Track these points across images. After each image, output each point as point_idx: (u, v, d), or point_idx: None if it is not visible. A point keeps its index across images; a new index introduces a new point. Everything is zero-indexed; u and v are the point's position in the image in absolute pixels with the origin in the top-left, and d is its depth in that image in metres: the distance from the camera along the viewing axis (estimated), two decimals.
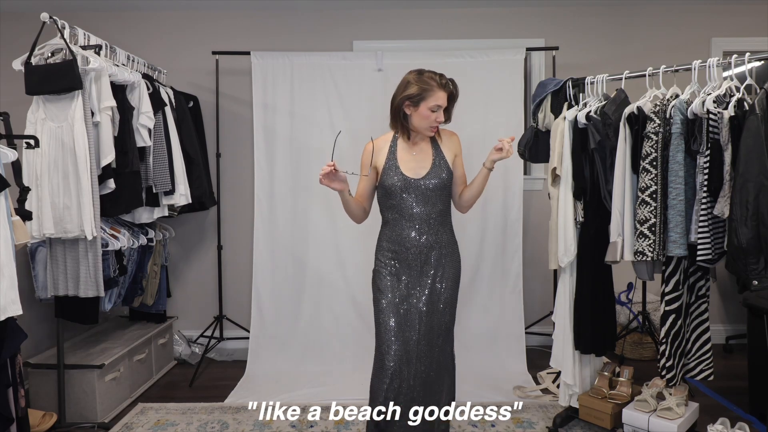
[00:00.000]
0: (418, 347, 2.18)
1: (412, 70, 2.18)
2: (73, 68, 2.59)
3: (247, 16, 4.08)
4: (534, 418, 2.94)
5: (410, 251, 2.21)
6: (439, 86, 2.11)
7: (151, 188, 3.15)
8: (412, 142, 2.25)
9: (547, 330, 3.91)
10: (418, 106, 2.13)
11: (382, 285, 2.22)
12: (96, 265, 2.73)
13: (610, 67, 3.11)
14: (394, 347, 2.14)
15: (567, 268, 2.67)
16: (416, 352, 2.17)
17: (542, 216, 3.97)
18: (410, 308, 2.20)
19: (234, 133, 4.06)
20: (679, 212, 2.20)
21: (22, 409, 2.27)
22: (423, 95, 2.11)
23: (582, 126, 2.58)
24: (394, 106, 2.19)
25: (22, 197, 2.28)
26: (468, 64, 3.75)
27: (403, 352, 2.15)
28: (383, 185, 2.21)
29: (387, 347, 2.16)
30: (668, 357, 2.33)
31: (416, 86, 2.11)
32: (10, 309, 2.05)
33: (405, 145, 2.24)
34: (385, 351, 2.16)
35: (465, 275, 3.80)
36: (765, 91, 2.04)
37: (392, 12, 4.07)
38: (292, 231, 3.83)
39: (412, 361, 2.17)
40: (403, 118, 2.19)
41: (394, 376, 2.13)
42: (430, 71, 2.16)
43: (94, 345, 3.27)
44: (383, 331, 2.18)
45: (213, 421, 2.97)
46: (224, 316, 4.01)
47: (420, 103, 2.12)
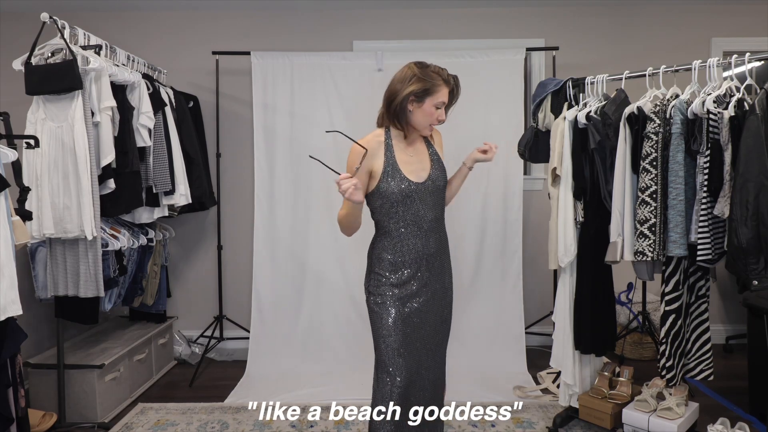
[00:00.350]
0: (428, 358, 2.04)
1: (414, 63, 1.99)
2: (73, 68, 2.59)
3: (247, 16, 4.08)
4: (534, 418, 2.94)
5: (423, 260, 2.00)
6: (445, 82, 1.97)
7: (151, 188, 3.15)
8: (408, 142, 2.03)
9: (547, 330, 3.91)
10: (423, 102, 1.94)
11: (387, 304, 1.97)
12: (96, 265, 2.73)
13: (610, 67, 3.11)
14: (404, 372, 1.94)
15: (567, 268, 2.67)
16: (425, 364, 2.03)
17: (542, 216, 3.97)
18: (422, 322, 2.00)
19: (234, 133, 4.06)
20: (679, 212, 2.20)
21: (22, 409, 2.27)
22: (429, 90, 1.93)
23: (582, 126, 2.58)
24: (395, 102, 1.95)
25: (22, 197, 2.28)
26: (468, 64, 3.75)
27: (414, 370, 1.98)
28: (385, 193, 1.94)
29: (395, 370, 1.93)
30: (668, 357, 2.33)
31: (422, 81, 1.92)
32: (10, 309, 2.05)
33: (401, 146, 2.01)
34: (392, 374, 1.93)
35: (465, 275, 3.83)
36: (765, 91, 2.04)
37: (392, 12, 4.07)
38: (292, 231, 3.83)
39: (422, 373, 2.01)
40: (405, 116, 1.98)
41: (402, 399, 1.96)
42: (434, 65, 1.99)
43: (94, 345, 3.27)
44: (388, 353, 1.94)
45: (213, 421, 2.97)
46: (224, 316, 4.01)
47: (425, 99, 1.94)
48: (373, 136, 2.01)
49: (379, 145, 1.97)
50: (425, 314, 2.01)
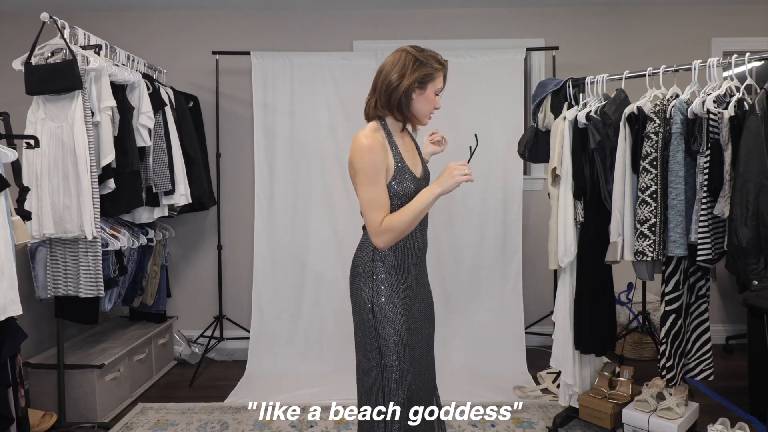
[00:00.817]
0: (427, 357, 1.97)
1: (410, 47, 1.85)
2: (73, 68, 2.59)
3: (247, 16, 4.08)
4: (534, 418, 2.94)
5: (419, 262, 1.92)
6: (442, 66, 1.85)
7: (151, 188, 3.15)
8: (402, 137, 1.91)
9: (547, 330, 3.91)
10: (425, 88, 1.82)
11: (393, 313, 1.84)
12: (96, 265, 2.73)
13: (610, 67, 3.11)
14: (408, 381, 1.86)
15: (567, 268, 2.67)
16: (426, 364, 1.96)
17: (542, 216, 3.97)
18: (419, 327, 1.91)
19: (234, 133, 4.06)
20: (679, 212, 2.20)
21: (22, 409, 2.27)
22: (432, 75, 1.82)
23: (582, 126, 2.58)
24: (398, 91, 1.79)
25: (22, 197, 2.28)
26: (468, 64, 3.76)
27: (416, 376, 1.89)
28: (399, 192, 1.79)
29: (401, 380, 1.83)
30: (668, 357, 2.33)
31: (425, 66, 1.80)
32: (10, 309, 2.05)
33: (399, 141, 1.88)
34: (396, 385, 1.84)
35: (465, 275, 3.83)
36: (765, 91, 2.04)
37: (392, 12, 4.07)
38: (292, 231, 3.83)
39: (423, 375, 1.93)
40: (407, 104, 1.83)
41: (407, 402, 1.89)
42: (427, 48, 1.87)
43: (94, 345, 3.27)
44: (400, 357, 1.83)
45: (213, 421, 2.97)
46: (224, 316, 4.01)
47: (428, 85, 1.82)
48: (373, 131, 1.82)
49: (383, 140, 1.81)
50: (426, 316, 1.97)
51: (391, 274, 1.86)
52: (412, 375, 1.87)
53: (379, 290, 1.85)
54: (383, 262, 1.86)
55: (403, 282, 1.87)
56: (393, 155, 1.81)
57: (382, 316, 1.83)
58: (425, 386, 1.96)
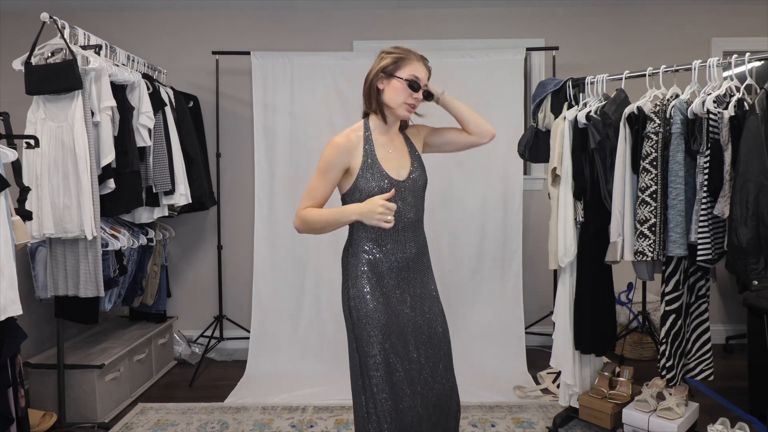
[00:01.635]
0: (421, 375, 1.92)
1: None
2: (73, 68, 2.59)
3: (247, 16, 4.08)
4: (534, 418, 2.94)
5: (402, 267, 1.90)
6: (418, 58, 1.90)
7: (151, 188, 3.15)
8: (389, 138, 1.93)
9: (547, 330, 3.91)
10: (392, 78, 1.86)
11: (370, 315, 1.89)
12: (96, 265, 2.73)
13: (610, 67, 3.11)
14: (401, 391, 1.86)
15: (567, 268, 2.67)
16: (419, 380, 1.91)
17: (542, 216, 3.97)
18: (405, 333, 1.90)
19: (234, 133, 4.06)
20: (679, 212, 2.20)
21: (22, 409, 2.27)
22: (398, 63, 1.86)
23: (582, 126, 2.58)
24: (366, 82, 1.91)
25: (22, 197, 2.28)
26: (468, 64, 3.76)
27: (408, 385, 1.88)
28: (362, 188, 1.83)
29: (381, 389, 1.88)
30: (668, 357, 2.33)
31: (390, 54, 1.88)
32: (10, 309, 2.05)
33: (381, 141, 1.90)
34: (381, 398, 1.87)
35: (465, 275, 3.83)
36: (765, 91, 2.04)
37: (392, 12, 4.07)
38: (292, 231, 3.82)
39: (417, 391, 1.89)
40: (377, 97, 1.90)
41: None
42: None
43: (94, 345, 3.27)
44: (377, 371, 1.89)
45: (213, 421, 2.97)
46: (224, 316, 4.01)
47: (395, 73, 1.86)
48: (351, 130, 1.91)
49: (357, 139, 1.88)
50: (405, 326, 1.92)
51: (365, 275, 1.91)
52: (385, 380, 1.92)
53: (355, 288, 1.92)
54: (358, 258, 1.92)
55: (378, 285, 1.89)
56: (363, 153, 1.86)
57: (357, 313, 1.93)
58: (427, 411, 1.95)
